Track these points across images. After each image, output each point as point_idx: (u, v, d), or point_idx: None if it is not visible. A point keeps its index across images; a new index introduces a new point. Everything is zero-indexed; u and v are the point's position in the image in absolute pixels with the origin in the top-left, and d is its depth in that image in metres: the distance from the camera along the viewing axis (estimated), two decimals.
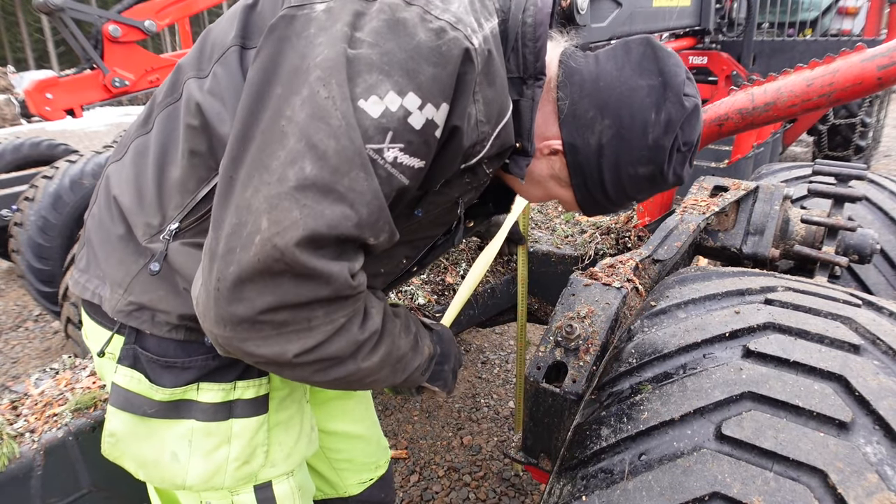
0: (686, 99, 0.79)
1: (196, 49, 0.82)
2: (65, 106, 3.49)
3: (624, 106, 0.79)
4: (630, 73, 0.80)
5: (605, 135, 0.80)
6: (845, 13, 4.91)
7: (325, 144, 0.60)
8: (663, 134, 0.79)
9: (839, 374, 0.72)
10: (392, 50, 0.62)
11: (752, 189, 1.48)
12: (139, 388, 0.82)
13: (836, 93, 1.18)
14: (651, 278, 1.32)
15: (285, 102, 0.62)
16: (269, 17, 0.74)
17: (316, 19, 0.64)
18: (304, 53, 0.63)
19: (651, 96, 0.78)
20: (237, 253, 0.61)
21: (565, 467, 0.83)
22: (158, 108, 0.83)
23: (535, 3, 0.75)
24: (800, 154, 6.76)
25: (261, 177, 0.61)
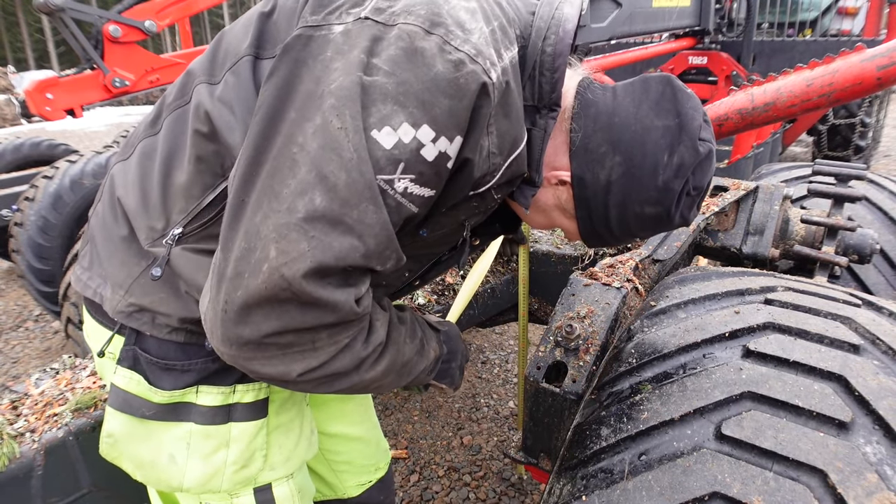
0: (701, 144, 0.78)
1: (209, 53, 0.81)
2: (65, 106, 3.49)
3: (637, 144, 0.78)
4: (647, 111, 0.79)
5: (614, 171, 0.79)
6: (845, 13, 4.91)
7: (335, 177, 0.60)
8: (674, 177, 0.78)
9: (839, 374, 0.73)
10: (408, 80, 0.61)
11: (751, 189, 1.48)
12: (138, 390, 0.82)
13: (836, 93, 1.18)
14: (651, 278, 1.32)
15: (298, 128, 0.62)
16: (284, 28, 0.73)
17: (333, 42, 0.63)
18: (319, 78, 0.62)
19: (665, 137, 0.78)
20: (245, 278, 0.61)
21: (565, 467, 0.83)
22: (168, 110, 0.82)
23: (557, 33, 0.74)
24: (799, 154, 6.76)
25: (270, 204, 0.61)
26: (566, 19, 0.75)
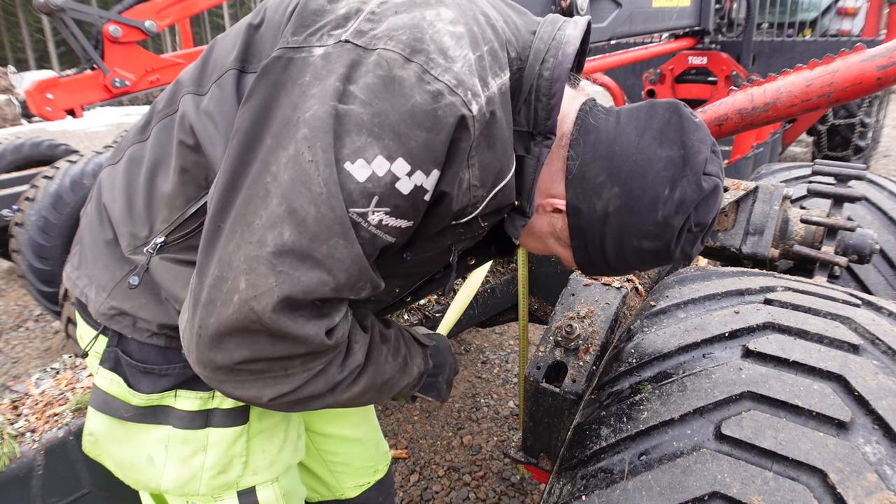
0: (706, 179, 0.74)
1: (200, 62, 0.80)
2: (65, 106, 3.49)
3: (637, 176, 0.74)
4: (650, 140, 0.74)
5: (612, 203, 0.75)
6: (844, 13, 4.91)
7: (304, 211, 0.59)
8: (674, 213, 0.73)
9: (838, 374, 0.73)
10: (384, 111, 0.59)
11: (751, 189, 1.48)
12: (118, 392, 0.83)
13: (836, 93, 1.18)
14: (651, 278, 1.32)
15: (273, 156, 0.60)
16: (269, 42, 0.72)
17: (312, 65, 0.62)
18: (296, 104, 0.61)
19: (668, 170, 0.73)
20: (217, 306, 0.62)
21: (565, 467, 0.83)
22: (157, 118, 0.82)
23: (556, 56, 0.70)
24: (799, 154, 6.76)
25: (243, 234, 0.61)
26: (567, 41, 0.71)
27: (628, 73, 4.75)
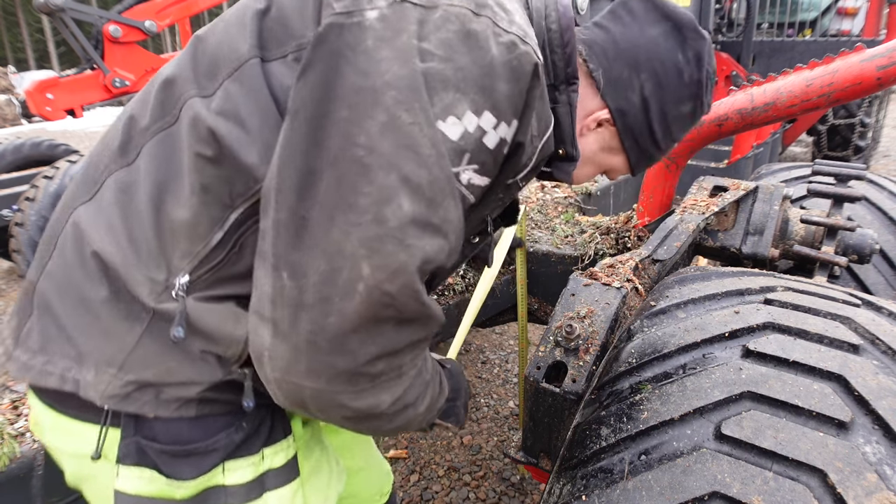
0: (699, 31, 0.81)
1: (188, 61, 0.69)
2: (65, 106, 3.49)
3: (653, 57, 0.79)
4: (641, 26, 0.81)
5: (646, 88, 0.80)
6: (844, 14, 4.91)
7: (417, 176, 0.56)
8: (697, 68, 0.81)
9: (838, 374, 0.73)
10: (466, 65, 0.58)
11: (751, 189, 1.49)
12: (155, 490, 0.68)
13: (836, 93, 1.18)
14: (651, 278, 1.32)
15: (357, 127, 0.56)
16: (295, 22, 0.64)
17: (371, 28, 0.57)
18: (366, 70, 0.56)
19: (671, 40, 0.80)
20: (336, 302, 0.56)
21: (565, 467, 0.83)
22: (144, 135, 0.69)
23: (556, 9, 0.74)
24: (799, 154, 6.76)
25: (347, 217, 0.55)
26: None
27: None
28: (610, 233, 1.68)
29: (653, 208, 1.62)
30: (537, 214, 2.00)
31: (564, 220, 1.94)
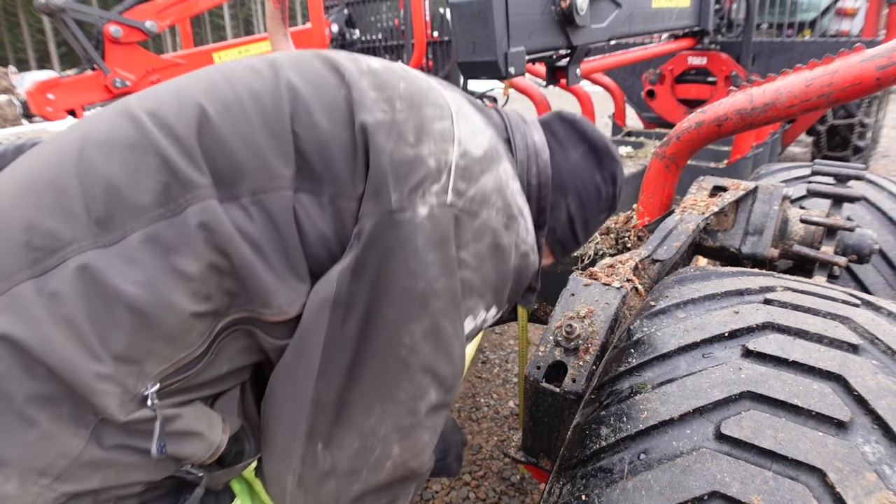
0: (610, 148, 0.94)
1: (193, 134, 0.63)
2: (66, 106, 3.50)
3: (576, 179, 0.92)
4: (565, 150, 0.92)
5: (571, 207, 0.93)
6: (844, 14, 4.91)
7: (445, 373, 0.68)
8: (612, 186, 0.95)
9: (838, 374, 0.73)
10: (489, 274, 0.70)
11: (751, 189, 1.49)
12: None
13: (835, 93, 1.18)
14: (651, 278, 1.32)
15: (403, 328, 0.64)
16: (338, 161, 0.64)
17: (421, 228, 0.63)
18: (415, 273, 0.63)
19: (589, 162, 0.93)
20: (363, 474, 0.66)
21: (565, 467, 0.83)
22: (138, 216, 0.59)
23: (537, 164, 0.85)
24: (799, 154, 6.76)
25: (385, 407, 0.65)
26: (541, 150, 0.87)
27: (628, 73, 4.75)
28: (610, 233, 1.68)
29: (652, 208, 1.62)
30: None
31: None
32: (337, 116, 0.66)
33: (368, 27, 5.16)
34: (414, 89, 0.73)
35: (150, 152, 0.61)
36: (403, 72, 0.77)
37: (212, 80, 0.69)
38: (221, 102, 0.65)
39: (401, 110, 0.69)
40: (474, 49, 1.74)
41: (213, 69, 0.74)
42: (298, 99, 0.67)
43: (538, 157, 0.86)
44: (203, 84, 0.69)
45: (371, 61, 0.76)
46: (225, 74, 0.70)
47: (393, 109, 0.68)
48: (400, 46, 5.02)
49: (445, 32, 4.73)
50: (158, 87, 0.73)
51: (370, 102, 0.68)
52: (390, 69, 0.76)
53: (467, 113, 0.77)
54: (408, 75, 0.76)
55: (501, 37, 1.70)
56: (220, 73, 0.71)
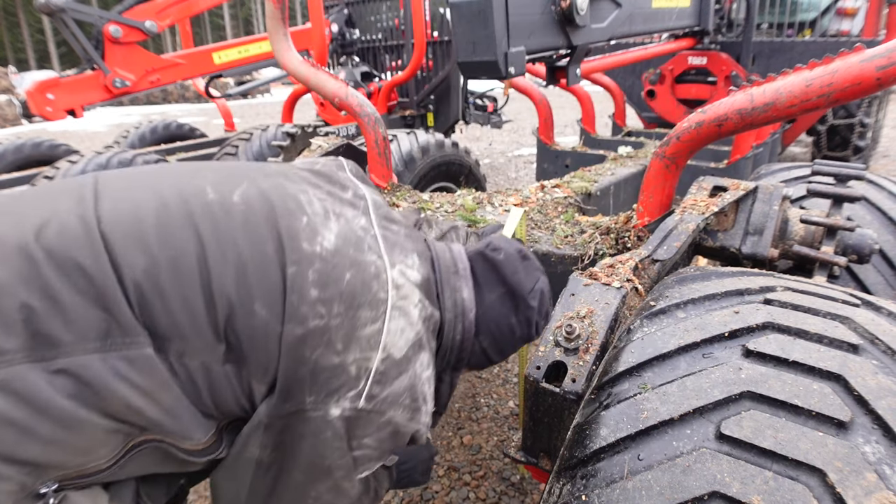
0: (531, 296, 0.98)
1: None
2: (66, 106, 3.50)
3: (491, 321, 0.97)
4: (482, 292, 0.97)
5: (484, 343, 0.99)
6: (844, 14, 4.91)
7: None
8: (527, 328, 1.00)
9: (838, 374, 0.73)
10: (386, 449, 0.83)
11: (751, 189, 1.49)
12: None
13: (835, 93, 1.18)
14: (651, 278, 1.32)
15: (310, 487, 0.79)
16: (260, 347, 0.72)
17: (331, 425, 0.75)
18: (322, 454, 0.76)
19: (506, 304, 0.98)
20: None
21: (565, 467, 0.83)
22: (73, 347, 0.64)
23: (463, 322, 0.94)
24: (799, 154, 6.76)
25: None
26: (468, 309, 0.94)
27: (628, 73, 4.75)
28: (610, 233, 1.68)
29: (653, 208, 1.62)
30: (537, 214, 2.00)
31: (564, 220, 1.94)
32: (275, 311, 0.72)
33: (368, 27, 5.15)
34: (358, 283, 0.77)
35: (98, 293, 0.66)
36: (356, 250, 0.79)
37: (167, 218, 0.72)
38: (171, 256, 0.70)
39: (337, 314, 0.74)
40: (474, 49, 1.74)
41: (169, 194, 0.75)
42: (244, 282, 0.72)
43: (464, 316, 0.94)
44: (168, 224, 0.72)
45: (328, 235, 0.78)
46: (185, 220, 0.73)
47: (329, 313, 0.73)
48: (400, 46, 5.02)
49: (445, 32, 4.73)
50: (122, 203, 0.73)
51: (306, 309, 0.72)
52: (344, 246, 0.78)
53: (406, 295, 0.82)
54: (358, 259, 0.79)
55: (501, 37, 1.70)
56: (181, 216, 0.73)
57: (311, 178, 0.89)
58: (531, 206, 2.07)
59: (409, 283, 0.84)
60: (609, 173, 2.64)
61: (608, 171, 2.71)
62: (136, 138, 4.76)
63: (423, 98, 5.02)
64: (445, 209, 2.12)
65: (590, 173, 2.63)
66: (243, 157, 3.85)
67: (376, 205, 0.91)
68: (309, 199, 0.81)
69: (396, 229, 0.89)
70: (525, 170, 7.14)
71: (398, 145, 2.87)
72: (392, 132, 3.00)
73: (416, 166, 2.91)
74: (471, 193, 2.30)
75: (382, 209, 0.91)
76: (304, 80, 2.18)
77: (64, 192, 0.74)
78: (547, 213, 2.03)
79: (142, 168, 0.85)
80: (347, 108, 2.16)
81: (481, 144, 9.07)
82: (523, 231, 1.77)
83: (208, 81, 4.55)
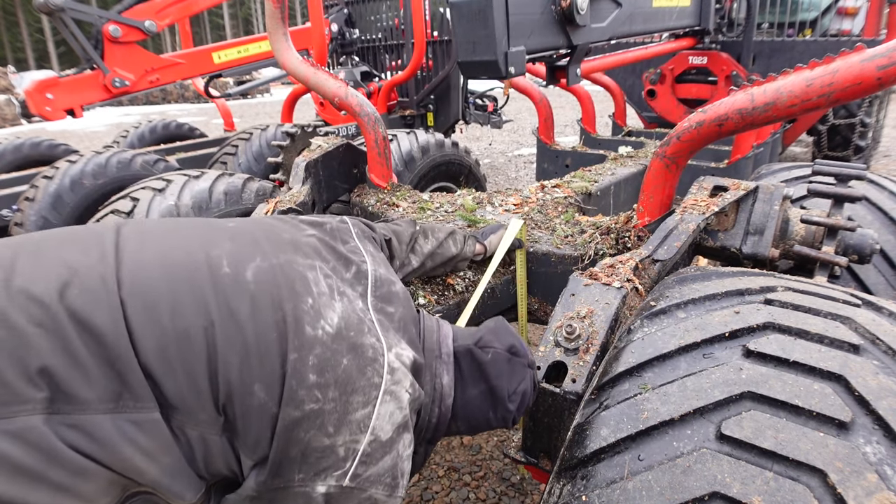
0: (511, 399, 1.00)
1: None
2: (65, 106, 3.49)
3: (468, 413, 1.01)
4: (464, 387, 1.01)
5: (461, 428, 1.03)
6: (845, 13, 4.91)
7: None
8: (503, 423, 1.03)
9: (839, 374, 0.73)
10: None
11: (751, 189, 1.48)
12: None
13: (836, 93, 1.17)
14: (651, 278, 1.32)
15: None
16: (254, 421, 0.75)
17: (315, 500, 0.78)
18: None
19: (486, 402, 1.01)
20: None
21: (565, 467, 0.83)
22: (87, 405, 0.69)
23: (440, 407, 0.98)
24: (799, 154, 6.76)
25: None
26: (446, 394, 0.98)
27: (628, 73, 4.74)
28: (610, 233, 1.68)
29: (653, 208, 1.61)
30: (537, 214, 2.00)
31: (564, 220, 1.94)
32: (272, 394, 0.75)
33: (368, 26, 5.15)
34: (353, 369, 0.81)
35: (113, 358, 0.69)
36: (356, 332, 0.83)
37: (175, 297, 0.76)
38: (182, 329, 0.74)
39: (331, 399, 0.78)
40: (474, 48, 1.74)
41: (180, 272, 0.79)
42: (246, 365, 0.75)
43: (442, 401, 0.98)
44: (180, 299, 0.76)
45: (332, 316, 0.83)
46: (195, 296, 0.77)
47: (324, 398, 0.77)
48: (400, 46, 5.02)
49: (445, 32, 4.73)
50: (144, 272, 0.77)
51: (303, 393, 0.76)
52: (346, 328, 0.83)
53: (399, 380, 0.86)
54: (357, 342, 0.83)
55: (501, 36, 1.70)
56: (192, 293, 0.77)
57: (320, 248, 0.94)
58: (531, 206, 2.07)
59: (404, 367, 0.89)
60: (609, 173, 2.64)
61: (608, 170, 2.70)
62: (135, 138, 4.76)
63: (423, 98, 5.02)
64: (445, 209, 2.12)
65: (590, 173, 2.63)
66: (243, 156, 3.85)
67: (377, 283, 0.96)
68: (316, 278, 0.86)
69: (392, 311, 0.94)
70: (525, 170, 7.14)
71: (398, 145, 2.87)
72: (392, 132, 2.99)
73: (416, 166, 2.91)
74: (471, 193, 2.30)
75: (383, 288, 0.96)
76: (304, 79, 2.18)
77: (87, 243, 0.78)
78: (547, 213, 2.02)
79: (163, 224, 0.90)
80: (347, 107, 2.15)
81: (481, 144, 9.07)
82: (524, 231, 1.77)
83: (208, 81, 4.55)
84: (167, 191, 2.15)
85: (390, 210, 2.13)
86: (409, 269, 1.45)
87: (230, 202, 2.24)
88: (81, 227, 0.85)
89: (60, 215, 2.91)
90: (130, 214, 2.06)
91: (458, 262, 1.63)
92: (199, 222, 0.92)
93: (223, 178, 2.30)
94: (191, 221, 0.92)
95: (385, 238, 1.32)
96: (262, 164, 3.80)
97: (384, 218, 2.10)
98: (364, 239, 1.07)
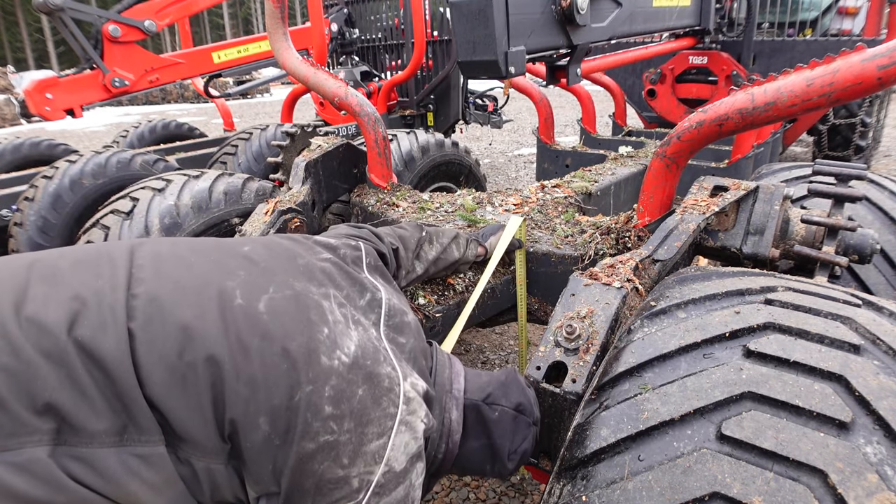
0: (510, 458, 1.02)
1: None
2: (64, 106, 3.49)
3: (466, 461, 1.01)
4: (466, 437, 1.01)
5: (453, 471, 1.03)
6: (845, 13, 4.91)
7: None
8: (499, 476, 1.03)
9: (839, 375, 0.72)
10: None
11: (752, 189, 1.48)
12: None
13: (836, 93, 1.17)
14: (651, 278, 1.32)
15: None
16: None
17: None
18: None
19: (485, 455, 1.01)
20: None
21: (565, 467, 0.83)
22: (101, 438, 0.70)
23: (447, 443, 0.98)
24: (800, 154, 6.76)
25: None
26: (454, 430, 0.98)
27: (628, 73, 4.74)
28: (610, 233, 1.68)
29: (653, 208, 1.61)
30: (537, 214, 2.00)
31: (564, 220, 1.93)
32: (276, 428, 0.75)
33: (368, 26, 5.15)
34: (369, 400, 0.80)
35: (119, 391, 0.69)
36: (373, 361, 0.83)
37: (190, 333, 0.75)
38: (189, 363, 0.73)
39: (347, 430, 0.77)
40: (474, 48, 1.73)
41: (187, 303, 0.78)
42: (253, 398, 0.74)
43: (450, 437, 0.98)
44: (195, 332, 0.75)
45: (348, 345, 0.82)
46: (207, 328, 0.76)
47: (340, 429, 0.77)
48: (400, 46, 5.02)
49: (445, 32, 4.73)
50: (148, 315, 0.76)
51: (318, 426, 0.75)
52: (362, 357, 0.82)
53: (415, 410, 0.85)
54: (373, 372, 0.82)
55: (501, 36, 1.70)
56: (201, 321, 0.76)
57: (335, 274, 0.93)
58: (531, 206, 2.07)
59: (419, 396, 0.88)
60: (609, 173, 2.64)
61: (608, 170, 2.70)
62: (135, 138, 4.76)
63: (423, 97, 5.02)
64: (445, 209, 2.12)
65: (590, 173, 2.63)
66: (243, 156, 3.85)
67: (390, 313, 0.96)
68: (331, 307, 0.85)
69: (403, 342, 0.94)
70: (525, 170, 7.14)
71: (398, 145, 2.87)
72: (392, 132, 2.99)
73: (416, 166, 2.91)
74: (471, 193, 2.30)
75: (396, 318, 0.96)
76: (304, 79, 2.18)
77: (100, 268, 0.78)
78: (547, 213, 2.02)
79: (177, 249, 0.87)
80: (347, 107, 2.15)
81: (481, 144, 9.07)
82: (524, 231, 1.77)
83: (207, 81, 4.55)
84: (167, 191, 2.15)
85: (390, 210, 2.13)
86: (413, 276, 1.44)
87: (230, 202, 2.23)
88: (95, 247, 0.83)
89: (60, 215, 2.90)
90: (130, 214, 2.06)
91: (460, 266, 1.63)
92: (213, 246, 0.90)
93: (223, 177, 2.29)
94: (205, 245, 0.90)
95: (393, 247, 1.30)
96: (262, 164, 3.80)
97: (384, 218, 2.10)
98: (374, 271, 1.05)
